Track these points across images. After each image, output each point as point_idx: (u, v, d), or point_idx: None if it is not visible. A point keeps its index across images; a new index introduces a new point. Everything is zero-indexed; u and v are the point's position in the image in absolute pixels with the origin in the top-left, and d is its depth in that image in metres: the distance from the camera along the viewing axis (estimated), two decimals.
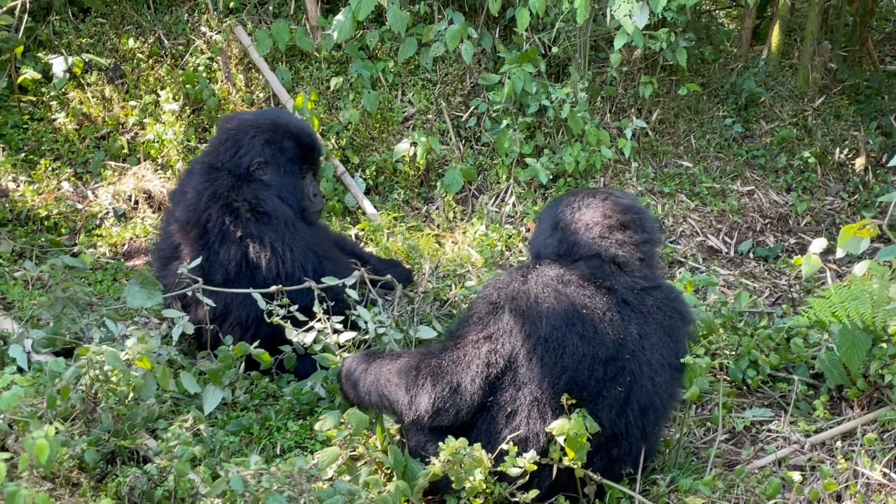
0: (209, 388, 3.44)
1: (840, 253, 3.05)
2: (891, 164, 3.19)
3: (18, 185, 4.85)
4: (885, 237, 4.56)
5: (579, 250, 2.96)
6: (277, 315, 3.41)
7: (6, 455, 2.39)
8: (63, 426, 2.65)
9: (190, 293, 3.52)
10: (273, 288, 3.50)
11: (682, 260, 5.04)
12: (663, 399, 2.98)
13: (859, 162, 5.86)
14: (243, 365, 3.61)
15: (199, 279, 3.49)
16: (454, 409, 2.87)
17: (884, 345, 3.53)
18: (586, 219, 3.00)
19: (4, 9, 4.93)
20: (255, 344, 3.53)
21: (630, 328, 2.86)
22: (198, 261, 3.53)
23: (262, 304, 3.45)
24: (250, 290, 3.52)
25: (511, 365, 2.84)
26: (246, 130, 3.79)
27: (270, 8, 5.64)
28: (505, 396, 2.86)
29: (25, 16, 5.07)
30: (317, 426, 3.10)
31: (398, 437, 3.15)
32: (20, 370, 3.31)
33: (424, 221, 5.15)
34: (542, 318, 2.80)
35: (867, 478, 3.10)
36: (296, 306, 3.44)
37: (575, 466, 2.82)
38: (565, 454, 2.81)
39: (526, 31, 5.16)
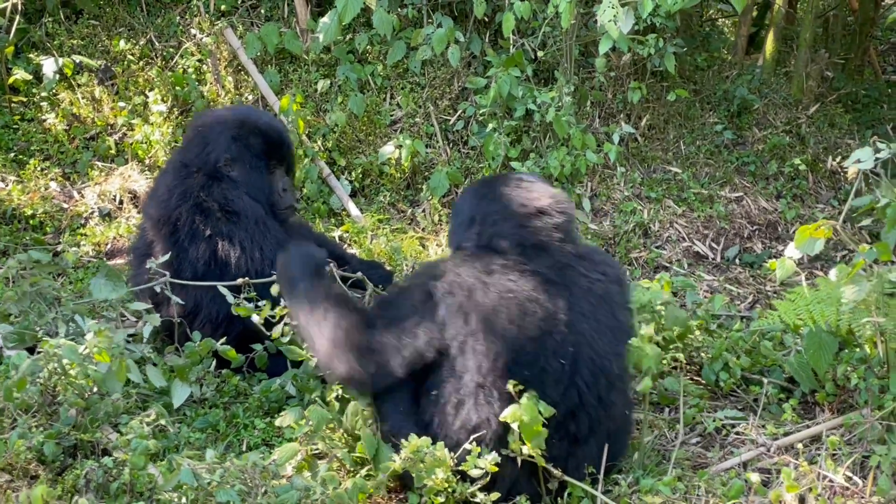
0: (176, 383, 3.46)
1: (797, 254, 3.05)
2: (846, 163, 3.17)
3: (7, 185, 4.89)
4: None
5: (500, 242, 3.02)
6: (244, 307, 3.43)
7: None
8: (23, 418, 2.66)
9: (159, 289, 3.54)
10: (239, 280, 3.52)
11: (668, 265, 5.04)
12: (611, 360, 3.02)
13: (851, 170, 5.81)
14: (214, 362, 3.63)
15: (167, 274, 3.52)
16: (369, 384, 2.98)
17: (857, 349, 3.52)
18: (503, 210, 3.07)
19: None
20: (223, 341, 3.54)
21: (559, 303, 2.91)
22: (166, 257, 3.55)
23: (230, 298, 3.47)
24: (217, 283, 3.54)
25: (446, 355, 2.88)
26: (213, 127, 3.81)
27: (262, 11, 5.67)
28: (448, 388, 2.89)
29: (17, 17, 5.12)
30: (278, 422, 3.12)
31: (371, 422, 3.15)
32: None
33: (410, 224, 5.15)
34: (473, 310, 2.85)
35: (830, 481, 3.10)
36: (263, 301, 3.45)
37: (535, 455, 2.82)
38: (524, 443, 2.82)
39: (513, 34, 5.16)
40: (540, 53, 5.32)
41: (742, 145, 5.85)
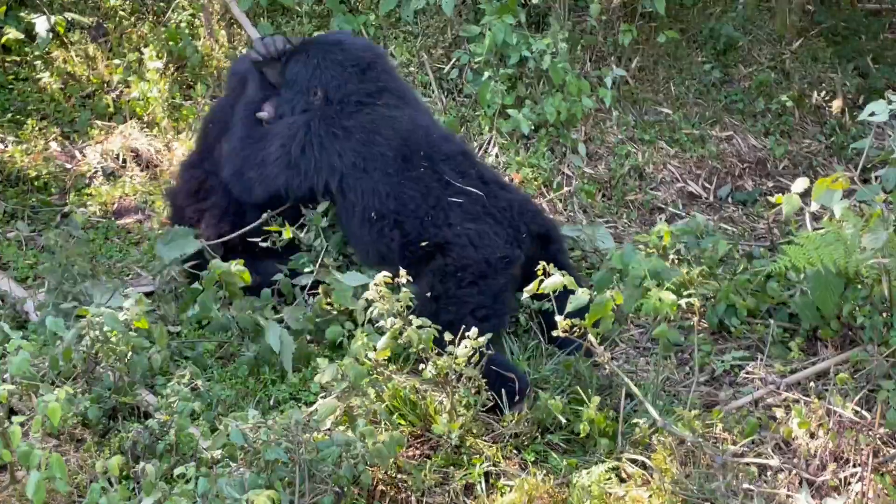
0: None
1: (815, 206, 3.15)
2: (861, 117, 3.27)
3: (7, 146, 4.90)
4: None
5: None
6: None
7: (20, 418, 2.49)
8: (69, 387, 2.74)
9: None
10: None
11: (663, 206, 5.13)
12: None
13: (836, 104, 5.93)
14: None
15: None
16: None
17: (859, 286, 3.63)
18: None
19: None
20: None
21: None
22: None
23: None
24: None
25: None
26: None
27: None
28: None
29: None
30: (316, 378, 3.17)
31: None
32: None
33: None
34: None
35: (839, 416, 3.22)
36: None
37: None
38: None
39: None
40: (535, 0, 5.33)
41: (729, 83, 5.90)
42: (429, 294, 3.59)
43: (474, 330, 3.11)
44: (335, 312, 3.66)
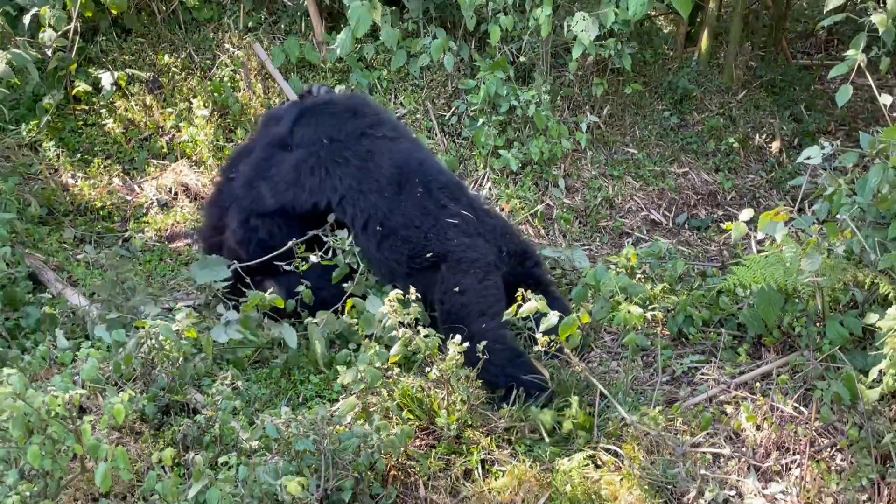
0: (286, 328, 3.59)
1: (760, 234, 3.15)
2: (798, 160, 3.27)
3: (77, 181, 4.90)
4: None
5: None
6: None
7: (90, 417, 2.47)
8: (132, 390, 2.74)
9: None
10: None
11: (630, 232, 5.13)
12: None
13: (775, 145, 5.94)
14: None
15: None
16: None
17: (797, 301, 3.63)
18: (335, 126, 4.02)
19: (60, 33, 4.95)
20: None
21: None
22: None
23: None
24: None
25: None
26: None
27: (282, 26, 5.65)
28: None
29: (77, 37, 5.09)
30: (339, 379, 3.16)
31: None
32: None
33: None
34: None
35: (781, 411, 3.21)
36: None
37: None
38: None
39: (498, 43, 5.20)
40: (521, 58, 5.35)
41: (685, 128, 5.92)
42: (456, 289, 3.55)
43: (458, 337, 3.12)
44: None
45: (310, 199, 3.89)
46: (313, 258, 3.74)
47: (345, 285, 3.73)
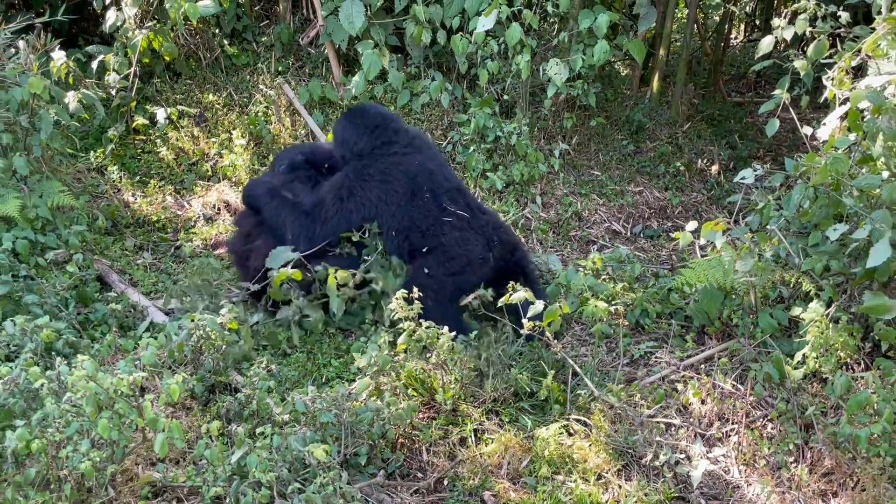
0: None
1: (703, 241, 3.15)
2: (735, 179, 3.27)
3: (136, 199, 4.89)
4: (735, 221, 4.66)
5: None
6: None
7: (150, 396, 2.46)
8: (184, 373, 2.73)
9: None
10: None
11: (595, 240, 5.12)
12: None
13: (714, 168, 5.95)
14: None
15: None
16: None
17: (734, 297, 3.64)
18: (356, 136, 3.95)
19: (122, 76, 4.95)
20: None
21: None
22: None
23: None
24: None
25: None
26: None
27: (307, 70, 5.66)
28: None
29: (136, 80, 5.10)
30: (356, 363, 3.16)
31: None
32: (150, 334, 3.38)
33: None
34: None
35: (721, 388, 3.23)
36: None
37: None
38: None
39: (486, 83, 5.21)
40: (505, 96, 5.36)
41: (640, 154, 5.92)
42: (426, 271, 3.57)
43: (445, 329, 3.13)
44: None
45: (356, 218, 3.83)
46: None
47: (361, 266, 3.71)
